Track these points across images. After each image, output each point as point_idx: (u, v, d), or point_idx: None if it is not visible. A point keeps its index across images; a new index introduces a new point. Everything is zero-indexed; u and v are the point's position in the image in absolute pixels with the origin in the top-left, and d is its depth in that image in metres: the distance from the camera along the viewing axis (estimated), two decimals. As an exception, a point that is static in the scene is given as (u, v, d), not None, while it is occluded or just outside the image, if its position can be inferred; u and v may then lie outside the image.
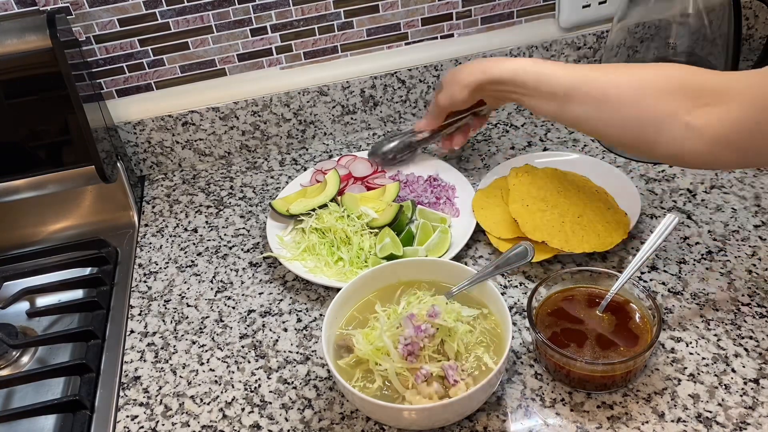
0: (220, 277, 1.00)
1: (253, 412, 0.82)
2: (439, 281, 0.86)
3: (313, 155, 1.21)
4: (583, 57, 1.23)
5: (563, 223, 0.93)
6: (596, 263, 0.93)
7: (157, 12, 1.08)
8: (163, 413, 0.83)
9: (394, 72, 1.19)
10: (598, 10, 1.19)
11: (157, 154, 1.20)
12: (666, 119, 0.75)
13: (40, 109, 1.00)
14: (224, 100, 1.17)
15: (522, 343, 0.85)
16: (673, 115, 0.74)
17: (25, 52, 0.96)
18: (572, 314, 0.81)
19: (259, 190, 1.15)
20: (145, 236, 1.10)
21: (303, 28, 1.14)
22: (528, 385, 0.80)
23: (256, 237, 1.06)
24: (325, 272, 0.95)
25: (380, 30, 1.17)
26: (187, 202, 1.15)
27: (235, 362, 0.88)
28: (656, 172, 1.07)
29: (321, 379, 0.84)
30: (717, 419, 0.74)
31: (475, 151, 1.16)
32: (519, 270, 0.94)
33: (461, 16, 1.18)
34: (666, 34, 1.04)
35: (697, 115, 0.73)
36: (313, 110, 1.20)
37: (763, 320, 0.83)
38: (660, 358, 0.81)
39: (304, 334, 0.90)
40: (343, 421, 0.79)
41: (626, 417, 0.75)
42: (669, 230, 0.84)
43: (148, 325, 0.95)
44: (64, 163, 1.04)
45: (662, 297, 0.88)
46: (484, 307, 0.82)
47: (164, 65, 1.14)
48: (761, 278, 0.88)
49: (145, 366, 0.89)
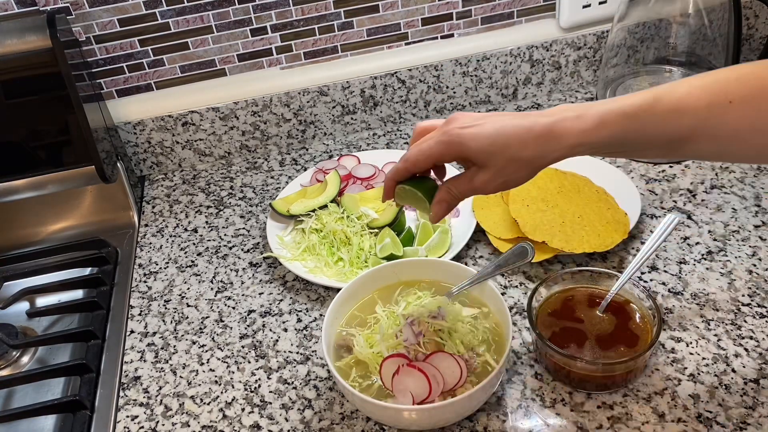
0: (220, 277, 1.00)
1: (253, 413, 0.82)
2: (439, 281, 0.86)
3: (313, 155, 1.21)
4: (583, 57, 1.23)
5: (563, 223, 0.93)
6: (596, 263, 0.93)
7: (157, 12, 1.08)
8: (163, 413, 0.83)
9: (394, 72, 1.19)
10: (598, 10, 1.18)
11: (157, 154, 1.20)
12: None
13: (40, 109, 1.00)
14: (224, 100, 1.17)
15: (522, 343, 0.85)
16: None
17: (25, 52, 0.96)
18: (572, 314, 0.81)
19: (259, 190, 1.15)
20: (145, 236, 1.10)
21: (303, 28, 1.14)
22: (528, 385, 0.80)
23: (256, 237, 1.06)
24: (325, 272, 0.95)
25: (380, 30, 1.17)
26: (187, 202, 1.15)
27: (235, 362, 0.88)
28: (656, 172, 1.07)
29: (321, 379, 0.84)
30: (717, 419, 0.74)
31: (475, 151, 1.16)
32: (519, 270, 0.94)
33: (461, 16, 1.18)
34: (666, 34, 1.04)
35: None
36: (313, 110, 1.20)
37: (763, 320, 0.83)
38: (660, 358, 0.81)
39: (304, 334, 0.90)
40: (343, 422, 0.79)
41: (626, 417, 0.75)
42: (669, 230, 0.84)
43: (148, 325, 0.95)
44: (64, 163, 1.04)
45: (662, 297, 0.88)
46: (485, 307, 0.82)
47: (164, 65, 1.14)
48: (761, 278, 0.88)
49: (145, 366, 0.89)
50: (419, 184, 0.70)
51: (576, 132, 0.62)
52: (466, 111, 1.24)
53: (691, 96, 0.61)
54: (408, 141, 1.20)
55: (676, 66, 1.12)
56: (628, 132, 0.62)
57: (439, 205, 0.69)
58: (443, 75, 1.20)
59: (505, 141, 0.63)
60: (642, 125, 0.62)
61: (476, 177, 0.66)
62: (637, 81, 1.14)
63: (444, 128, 0.66)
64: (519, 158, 0.63)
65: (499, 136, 0.63)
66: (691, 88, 0.62)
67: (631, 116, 0.62)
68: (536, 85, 1.25)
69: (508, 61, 1.21)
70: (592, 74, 1.26)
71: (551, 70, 1.24)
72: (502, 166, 0.64)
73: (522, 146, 0.63)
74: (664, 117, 0.61)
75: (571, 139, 0.62)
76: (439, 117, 1.25)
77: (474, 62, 1.20)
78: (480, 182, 0.66)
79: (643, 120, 0.62)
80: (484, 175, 0.65)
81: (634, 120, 0.62)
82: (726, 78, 0.62)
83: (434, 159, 0.67)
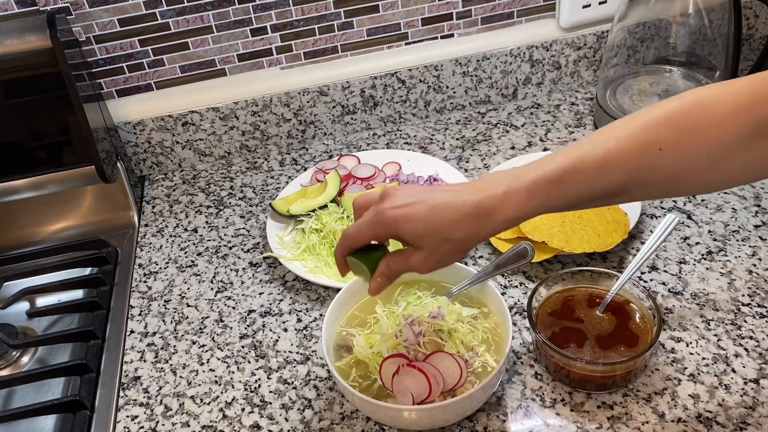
0: (220, 277, 1.00)
1: (253, 413, 0.82)
2: (439, 281, 0.86)
3: (313, 155, 1.21)
4: (583, 57, 1.23)
5: (563, 223, 0.93)
6: (596, 263, 0.93)
7: (157, 12, 1.08)
8: (163, 413, 0.83)
9: (394, 72, 1.19)
10: (598, 10, 1.18)
11: (157, 154, 1.20)
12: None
13: (40, 109, 1.00)
14: (224, 100, 1.17)
15: (522, 343, 0.85)
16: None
17: (25, 52, 0.96)
18: (572, 314, 0.81)
19: (259, 190, 1.15)
20: (145, 236, 1.10)
21: (303, 28, 1.14)
22: (528, 385, 0.80)
23: (256, 237, 1.06)
24: (325, 272, 0.95)
25: (380, 30, 1.17)
26: (187, 202, 1.15)
27: (235, 362, 0.88)
28: (656, 172, 1.07)
29: (321, 379, 0.84)
30: (717, 419, 0.74)
31: (475, 151, 1.16)
32: (519, 270, 0.94)
33: (461, 16, 1.18)
34: (666, 34, 1.04)
35: None
36: (313, 110, 1.20)
37: (763, 320, 0.83)
38: (660, 358, 0.81)
39: (304, 334, 0.90)
40: (343, 422, 0.79)
41: (626, 417, 0.75)
42: (669, 230, 0.84)
43: (148, 325, 0.95)
44: (64, 163, 1.04)
45: (662, 297, 0.88)
46: (485, 307, 0.82)
47: (164, 65, 1.14)
48: (761, 278, 0.88)
49: (145, 366, 0.89)
50: (364, 257, 0.69)
51: (505, 208, 0.62)
52: (466, 111, 1.25)
53: (618, 150, 0.60)
54: (408, 141, 1.21)
55: (676, 66, 1.12)
56: (557, 198, 0.62)
57: (377, 281, 0.69)
58: (443, 75, 1.20)
59: (436, 223, 0.63)
60: (569, 189, 0.61)
61: (412, 257, 0.66)
62: (637, 81, 1.14)
63: (378, 207, 0.66)
64: (452, 239, 0.63)
65: (430, 219, 0.63)
66: (618, 140, 0.60)
67: (557, 182, 0.61)
68: (536, 85, 1.25)
69: (508, 61, 1.21)
70: (592, 74, 1.26)
71: (551, 70, 1.24)
72: (435, 247, 0.64)
73: (454, 227, 0.63)
74: (590, 177, 0.60)
75: (502, 215, 0.62)
76: (438, 117, 1.25)
77: (474, 62, 1.20)
78: (416, 262, 0.66)
79: (568, 184, 0.61)
80: (419, 256, 0.65)
81: (561, 186, 0.61)
82: (655, 123, 0.60)
83: (369, 238, 0.68)
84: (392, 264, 0.68)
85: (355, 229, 0.68)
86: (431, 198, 0.64)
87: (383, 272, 0.69)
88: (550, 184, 0.61)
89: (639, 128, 0.60)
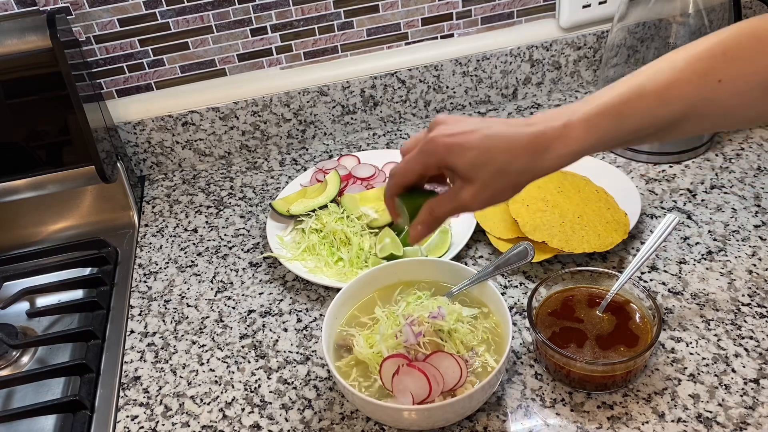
0: (220, 277, 1.00)
1: (253, 413, 0.82)
2: (439, 281, 0.86)
3: (313, 155, 1.21)
4: (583, 57, 1.23)
5: (563, 223, 0.93)
6: (596, 263, 0.93)
7: (157, 12, 1.08)
8: (163, 413, 0.83)
9: (394, 72, 1.19)
10: (598, 10, 1.19)
11: (157, 154, 1.20)
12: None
13: (40, 109, 1.00)
14: (224, 100, 1.17)
15: (522, 343, 0.85)
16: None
17: (25, 52, 0.96)
18: (572, 314, 0.81)
19: (259, 190, 1.15)
20: (145, 236, 1.10)
21: (303, 28, 1.14)
22: (528, 385, 0.80)
23: (256, 237, 1.06)
24: (325, 272, 0.95)
25: (380, 30, 1.17)
26: (187, 202, 1.15)
27: (235, 362, 0.88)
28: (656, 172, 1.07)
29: (321, 379, 0.84)
30: (717, 419, 0.74)
31: (475, 151, 1.16)
32: (519, 270, 0.94)
33: (461, 16, 1.18)
34: (666, 34, 1.04)
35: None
36: (313, 110, 1.20)
37: (763, 320, 0.83)
38: (660, 358, 0.81)
39: (304, 334, 0.90)
40: (343, 422, 0.79)
41: (626, 417, 0.75)
42: (669, 230, 0.84)
43: (148, 325, 0.95)
44: (64, 163, 1.04)
45: (662, 297, 0.88)
46: (485, 307, 0.82)
47: (164, 65, 1.14)
48: (761, 278, 0.88)
49: (145, 366, 0.89)
50: (409, 200, 0.64)
51: (565, 141, 0.59)
52: (466, 111, 1.25)
53: (677, 81, 0.58)
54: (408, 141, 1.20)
55: (676, 66, 1.11)
56: (617, 131, 0.60)
57: (417, 229, 0.65)
58: (443, 75, 1.20)
59: (493, 152, 0.59)
60: (629, 121, 0.59)
61: (461, 192, 0.61)
62: (637, 81, 1.13)
63: (428, 136, 0.62)
64: (507, 171, 0.60)
65: (485, 148, 0.59)
66: (675, 70, 0.59)
67: (617, 114, 0.59)
68: (536, 85, 1.25)
69: (508, 61, 1.21)
70: (592, 74, 1.26)
71: (551, 70, 1.24)
72: (489, 179, 0.60)
73: (511, 158, 0.59)
74: (649, 107, 0.59)
75: (561, 148, 0.59)
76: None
77: (474, 62, 1.20)
78: (466, 198, 0.61)
79: (628, 116, 0.59)
80: (470, 190, 0.61)
81: (620, 117, 0.59)
82: (711, 54, 0.58)
83: (419, 172, 0.63)
84: (436, 209, 0.63)
85: (402, 164, 0.63)
86: (487, 127, 0.60)
87: (423, 219, 0.64)
88: (610, 116, 0.59)
89: (697, 58, 0.59)
